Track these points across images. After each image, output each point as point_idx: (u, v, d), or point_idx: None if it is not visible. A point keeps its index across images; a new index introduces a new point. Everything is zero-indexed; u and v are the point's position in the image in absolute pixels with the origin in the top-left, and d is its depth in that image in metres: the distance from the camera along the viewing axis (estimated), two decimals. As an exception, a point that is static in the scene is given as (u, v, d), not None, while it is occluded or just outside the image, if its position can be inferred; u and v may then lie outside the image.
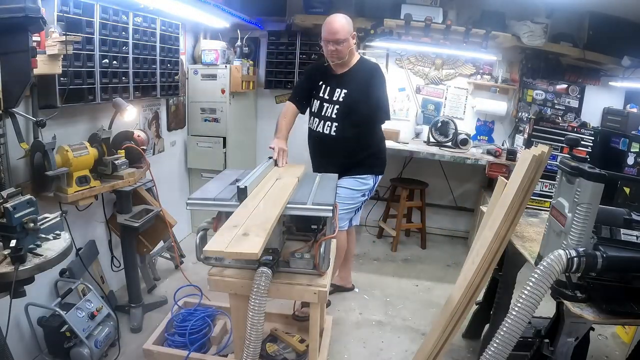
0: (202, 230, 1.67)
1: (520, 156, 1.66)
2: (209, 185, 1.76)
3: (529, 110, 3.61)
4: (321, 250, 1.58)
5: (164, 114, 3.17)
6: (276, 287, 1.60)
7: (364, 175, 2.38)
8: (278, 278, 1.62)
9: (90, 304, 2.00)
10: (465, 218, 4.04)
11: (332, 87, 2.33)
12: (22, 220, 1.34)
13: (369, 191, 2.45)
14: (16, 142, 1.70)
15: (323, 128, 2.33)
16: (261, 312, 1.46)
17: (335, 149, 2.33)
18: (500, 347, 1.23)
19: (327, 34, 2.20)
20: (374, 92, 2.26)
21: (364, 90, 2.25)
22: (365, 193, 2.43)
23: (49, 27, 1.74)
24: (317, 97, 2.38)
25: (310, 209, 1.57)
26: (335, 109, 2.30)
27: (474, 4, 3.47)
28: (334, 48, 2.20)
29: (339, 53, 2.22)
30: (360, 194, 2.40)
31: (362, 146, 2.34)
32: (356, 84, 2.27)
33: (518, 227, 1.89)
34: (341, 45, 2.19)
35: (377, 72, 2.32)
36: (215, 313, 2.31)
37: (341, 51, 2.21)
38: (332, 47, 2.20)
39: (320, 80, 2.38)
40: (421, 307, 2.74)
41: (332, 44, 2.19)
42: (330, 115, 2.31)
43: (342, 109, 2.28)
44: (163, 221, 2.48)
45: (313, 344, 1.76)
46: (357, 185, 2.37)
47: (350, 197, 2.36)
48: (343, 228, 2.41)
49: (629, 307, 1.29)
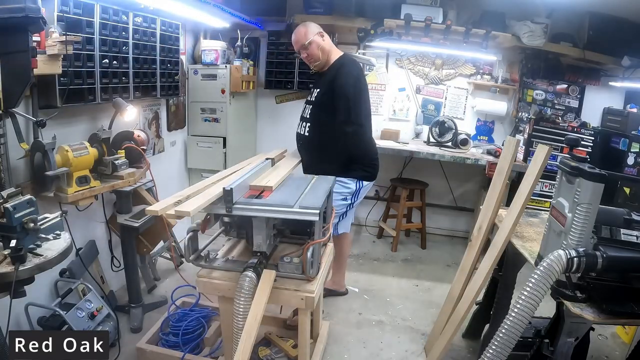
0: (192, 231, 1.67)
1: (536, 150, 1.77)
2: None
3: (529, 110, 3.61)
4: (309, 255, 1.55)
5: (164, 114, 3.17)
6: None
7: (342, 179, 2.30)
8: None
9: (90, 304, 2.00)
10: (465, 218, 4.04)
11: (314, 88, 2.39)
12: (22, 220, 1.34)
13: (352, 196, 2.37)
14: (16, 142, 1.70)
15: (300, 128, 2.40)
16: (246, 316, 1.45)
17: (309, 149, 2.35)
18: (500, 347, 1.23)
19: (294, 45, 2.34)
20: (335, 92, 2.20)
21: (328, 90, 2.24)
22: (347, 197, 2.35)
23: (49, 27, 1.74)
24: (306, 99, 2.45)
25: (295, 212, 1.52)
26: (310, 109, 2.34)
27: (474, 4, 3.47)
28: (305, 54, 2.30)
29: (312, 56, 2.29)
30: (341, 197, 2.34)
31: (332, 149, 2.24)
32: (326, 85, 2.27)
33: (518, 227, 1.89)
34: (308, 48, 2.27)
35: (340, 69, 2.24)
36: (210, 314, 2.31)
37: (312, 53, 2.28)
38: (303, 54, 2.32)
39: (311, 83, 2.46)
40: (421, 307, 2.74)
41: (302, 51, 2.30)
42: (306, 116, 2.36)
43: (313, 109, 2.32)
44: (163, 221, 2.48)
45: (302, 349, 1.75)
46: (336, 187, 2.26)
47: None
48: None
49: (629, 307, 1.29)
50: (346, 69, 2.24)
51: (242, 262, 1.63)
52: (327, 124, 2.24)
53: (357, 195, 2.39)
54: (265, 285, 1.52)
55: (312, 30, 2.28)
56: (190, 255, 1.67)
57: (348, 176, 2.34)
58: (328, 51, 2.31)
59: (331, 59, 2.32)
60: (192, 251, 1.68)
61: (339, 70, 2.24)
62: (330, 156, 2.27)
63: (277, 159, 2.26)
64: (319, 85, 2.35)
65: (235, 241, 1.91)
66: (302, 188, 1.77)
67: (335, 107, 2.20)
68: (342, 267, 2.75)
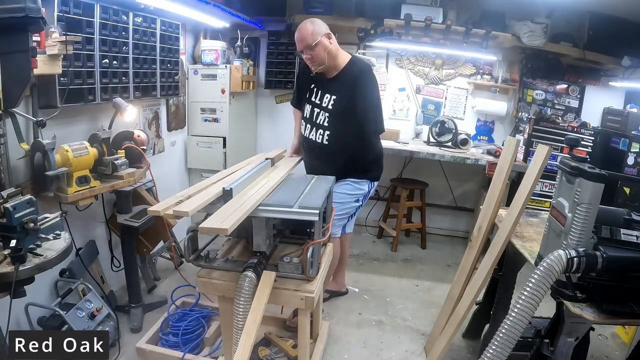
0: (192, 231, 1.67)
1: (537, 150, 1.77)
2: None
3: (529, 110, 3.61)
4: (308, 254, 1.55)
5: (164, 114, 3.17)
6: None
7: (359, 180, 2.29)
8: None
9: (90, 304, 2.01)
10: (465, 218, 4.04)
11: (323, 92, 2.22)
12: (22, 220, 1.34)
13: (363, 197, 2.35)
14: (16, 142, 1.70)
15: (315, 136, 2.23)
16: (246, 316, 1.45)
17: (329, 157, 2.23)
18: (500, 347, 1.23)
19: (297, 43, 2.12)
20: (359, 102, 2.11)
21: (350, 99, 2.11)
22: (359, 198, 2.33)
23: (49, 27, 1.74)
24: (309, 101, 2.29)
25: (295, 212, 1.52)
26: (326, 116, 2.19)
27: (474, 4, 3.47)
28: (309, 55, 2.10)
29: (316, 58, 2.10)
30: (354, 199, 2.30)
31: (357, 155, 2.23)
32: (343, 92, 2.13)
33: (518, 227, 1.89)
34: (314, 50, 2.07)
35: (362, 78, 2.12)
36: (210, 314, 2.31)
37: (317, 55, 2.09)
38: (306, 55, 2.11)
39: (312, 83, 2.27)
40: (421, 307, 2.74)
41: (306, 51, 2.10)
42: (322, 123, 2.20)
43: (332, 117, 2.17)
44: (163, 221, 2.48)
45: (302, 349, 1.75)
46: (350, 189, 2.28)
47: (343, 202, 2.25)
48: (335, 235, 2.33)
49: (629, 307, 1.29)
50: (368, 77, 2.13)
51: (242, 262, 1.63)
52: (350, 133, 2.15)
53: (367, 195, 2.37)
54: (265, 287, 1.52)
55: (320, 29, 2.08)
56: (190, 255, 1.67)
57: (363, 177, 2.30)
58: (335, 55, 2.14)
59: (339, 62, 2.17)
60: (192, 251, 1.68)
61: (360, 79, 2.11)
62: (352, 163, 2.23)
63: (277, 159, 2.26)
64: (332, 90, 2.18)
65: (235, 241, 1.91)
66: (302, 188, 1.77)
67: (363, 117, 2.11)
68: (343, 267, 2.74)
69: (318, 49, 2.08)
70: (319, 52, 2.08)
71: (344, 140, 2.18)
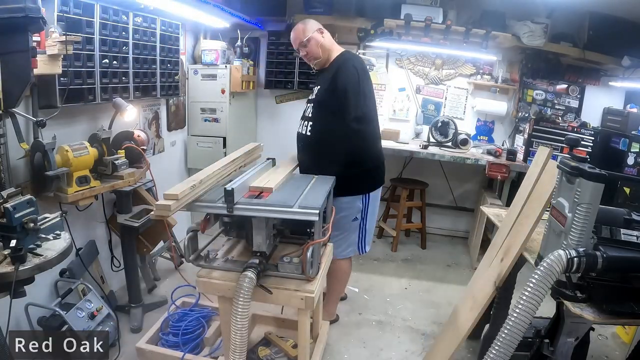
0: (191, 231, 1.67)
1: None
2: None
3: (529, 110, 3.61)
4: (308, 254, 1.55)
5: (164, 114, 3.17)
6: (262, 291, 1.58)
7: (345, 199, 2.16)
8: (265, 282, 1.60)
9: (90, 304, 2.01)
10: (466, 218, 4.04)
11: (315, 86, 2.28)
12: (22, 220, 1.34)
13: (361, 211, 2.24)
14: (16, 142, 1.70)
15: (301, 128, 2.23)
16: (245, 316, 1.45)
17: (310, 149, 2.19)
18: (503, 348, 1.23)
19: (293, 43, 2.25)
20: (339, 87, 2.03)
21: (330, 87, 2.08)
22: (357, 216, 2.23)
23: (49, 27, 1.74)
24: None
25: (295, 212, 1.52)
26: (311, 107, 2.21)
27: (474, 4, 3.47)
28: (304, 52, 2.22)
29: (311, 53, 2.19)
30: (352, 218, 2.22)
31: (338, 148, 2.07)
32: (326, 80, 2.12)
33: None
34: (307, 46, 2.18)
35: (344, 64, 2.10)
36: (210, 314, 2.31)
37: (311, 51, 2.18)
38: (302, 52, 2.23)
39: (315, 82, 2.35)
40: (421, 307, 2.74)
41: (301, 49, 2.22)
42: (308, 115, 2.21)
43: (315, 107, 2.17)
44: (163, 221, 2.47)
45: (302, 349, 1.75)
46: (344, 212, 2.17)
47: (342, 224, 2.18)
48: (348, 255, 2.29)
49: (629, 307, 1.29)
50: (349, 62, 2.10)
51: (242, 262, 1.63)
52: (330, 122, 2.09)
53: (367, 208, 2.25)
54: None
55: (310, 27, 2.18)
56: (190, 255, 1.67)
57: (351, 194, 2.17)
58: (329, 48, 2.20)
59: (332, 56, 2.20)
60: (192, 251, 1.68)
61: (341, 66, 2.09)
62: (332, 157, 2.09)
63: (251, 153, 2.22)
64: (319, 82, 2.24)
65: (235, 241, 1.91)
66: (302, 188, 1.77)
67: (340, 104, 2.03)
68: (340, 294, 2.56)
69: (311, 44, 2.17)
70: (312, 47, 2.18)
71: (322, 130, 2.12)
